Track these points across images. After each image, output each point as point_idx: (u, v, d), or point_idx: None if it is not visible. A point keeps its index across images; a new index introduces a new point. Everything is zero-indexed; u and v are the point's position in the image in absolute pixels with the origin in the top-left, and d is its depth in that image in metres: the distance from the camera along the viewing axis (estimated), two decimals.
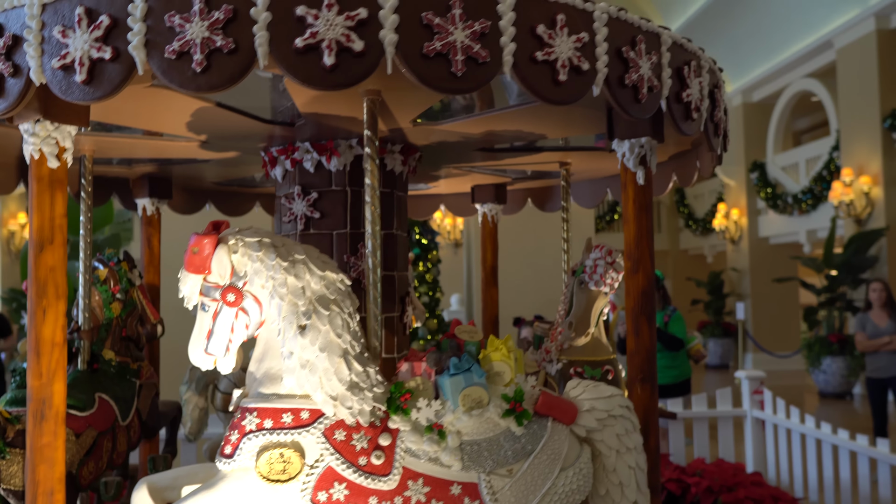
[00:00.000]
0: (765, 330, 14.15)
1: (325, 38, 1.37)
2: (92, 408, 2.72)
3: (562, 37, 1.59)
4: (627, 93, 1.73)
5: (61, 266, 1.71)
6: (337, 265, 1.93)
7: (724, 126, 2.36)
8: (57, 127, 1.70)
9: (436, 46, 1.44)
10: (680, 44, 1.91)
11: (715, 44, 13.97)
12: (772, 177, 13.84)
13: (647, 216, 2.01)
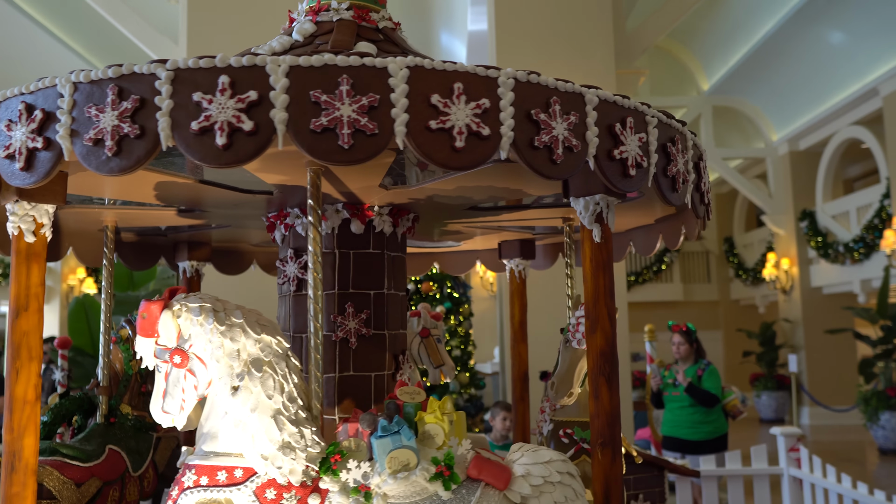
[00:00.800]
0: (820, 383, 13.66)
1: (218, 120, 1.49)
2: (98, 458, 2.86)
3: (458, 105, 1.62)
4: (541, 154, 1.70)
5: (35, 331, 1.87)
6: (277, 328, 2.02)
7: (708, 195, 2.43)
8: (34, 206, 1.89)
9: (322, 121, 1.53)
10: (611, 101, 1.88)
11: (758, 93, 13.89)
12: (822, 225, 13.54)
13: (605, 275, 2.00)
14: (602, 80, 6.68)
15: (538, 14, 6.80)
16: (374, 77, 1.59)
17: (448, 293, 6.81)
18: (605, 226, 1.95)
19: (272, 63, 1.54)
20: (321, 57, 1.56)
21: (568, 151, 1.74)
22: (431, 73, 1.62)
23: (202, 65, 1.53)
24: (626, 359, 6.46)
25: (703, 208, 2.34)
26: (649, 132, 1.91)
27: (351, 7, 2.35)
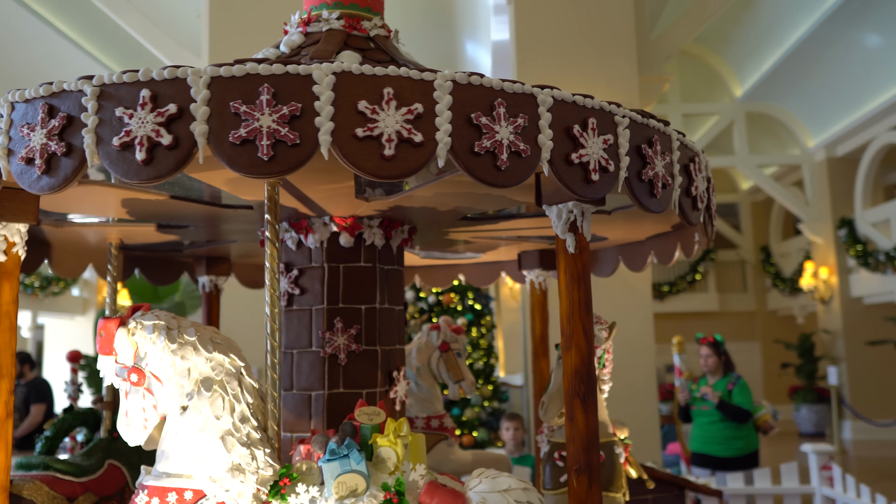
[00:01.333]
0: (862, 396, 13.23)
1: (137, 135, 1.43)
2: (94, 473, 2.85)
3: (388, 111, 1.53)
4: (483, 160, 1.60)
5: (6, 348, 1.84)
6: (233, 346, 1.96)
7: (705, 200, 2.29)
8: (5, 225, 1.88)
9: (241, 133, 1.46)
10: (570, 101, 1.80)
11: (793, 98, 13.58)
12: (862, 233, 13.15)
13: (580, 287, 1.87)
14: (624, 87, 6.56)
15: (559, 22, 6.71)
16: (299, 85, 1.51)
17: (470, 304, 6.71)
18: (580, 235, 1.83)
19: (193, 75, 1.50)
20: (243, 66, 1.49)
21: (515, 157, 1.62)
22: (360, 78, 1.53)
23: (126, 79, 1.50)
24: (651, 372, 6.29)
25: (699, 214, 2.18)
26: (619, 133, 1.79)
27: (342, 16, 2.30)
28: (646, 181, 1.84)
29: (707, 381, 5.92)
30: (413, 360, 3.21)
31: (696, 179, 2.14)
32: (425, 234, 2.76)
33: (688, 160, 2.09)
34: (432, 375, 3.27)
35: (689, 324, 16.20)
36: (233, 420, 1.87)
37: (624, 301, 6.38)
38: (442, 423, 3.30)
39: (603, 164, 1.70)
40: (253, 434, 1.89)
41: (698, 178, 2.16)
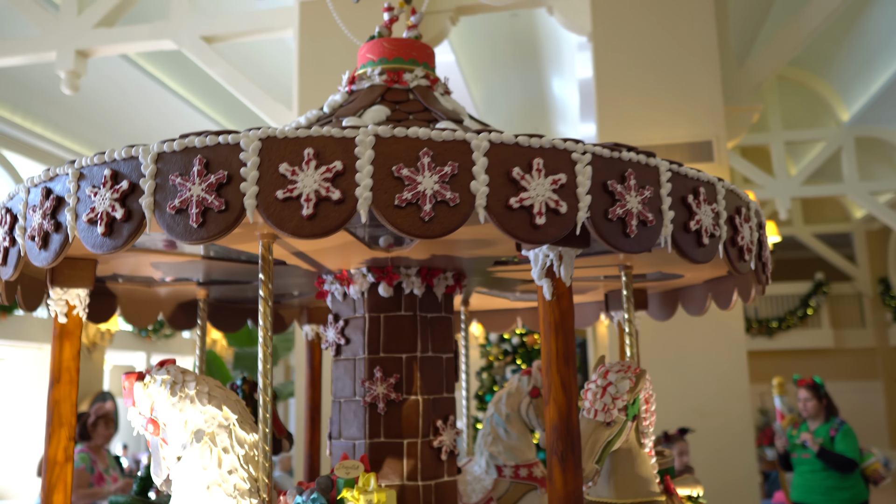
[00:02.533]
0: None
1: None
2: None
3: (307, 171, 1.55)
4: (406, 212, 1.57)
5: (66, 400, 2.02)
6: (228, 399, 2.05)
7: (754, 250, 2.20)
8: (66, 291, 2.09)
9: (175, 203, 1.59)
10: (511, 143, 1.70)
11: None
12: None
13: (558, 336, 1.75)
14: (709, 119, 6.40)
15: (639, 57, 6.64)
16: (229, 153, 1.56)
17: None
18: (558, 281, 1.73)
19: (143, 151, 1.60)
20: (182, 140, 1.58)
21: (443, 206, 1.55)
22: (283, 142, 1.56)
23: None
24: (747, 416, 5.99)
25: (704, 251, 1.96)
26: (577, 171, 1.66)
27: (384, 72, 2.36)
28: (614, 220, 1.69)
29: (808, 426, 5.58)
30: (502, 407, 3.15)
31: (701, 213, 2.03)
32: (475, 280, 2.75)
33: (690, 192, 1.96)
34: (522, 422, 3.18)
35: (801, 362, 15.34)
36: (220, 471, 1.94)
37: (714, 340, 6.13)
38: (531, 473, 3.19)
39: (551, 205, 1.59)
40: (241, 485, 1.95)
41: (703, 212, 2.06)
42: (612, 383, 2.13)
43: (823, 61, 13.06)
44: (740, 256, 2.02)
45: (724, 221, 1.94)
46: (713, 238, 1.89)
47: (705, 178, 1.91)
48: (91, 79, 8.38)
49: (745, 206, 2.09)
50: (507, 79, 11.67)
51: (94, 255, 2.15)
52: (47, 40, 7.34)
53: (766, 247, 2.24)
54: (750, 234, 2.07)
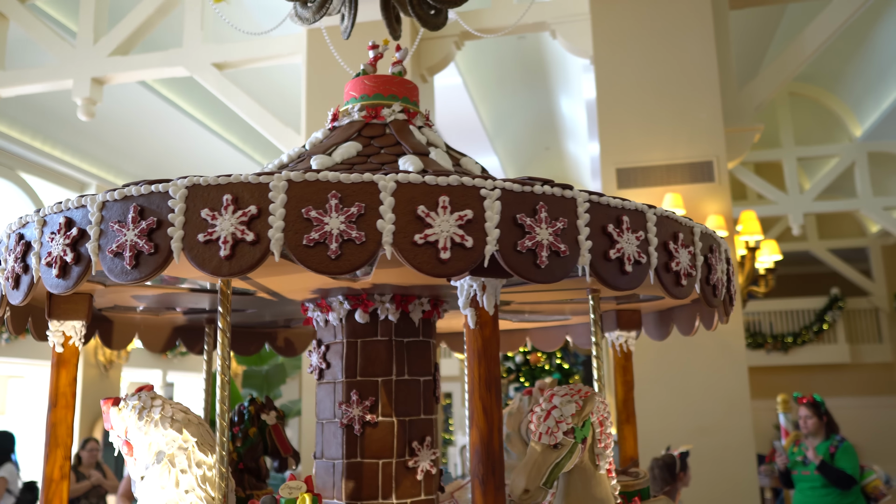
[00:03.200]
0: None
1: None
2: None
3: (226, 215, 1.66)
4: (314, 251, 1.65)
5: (62, 423, 2.20)
6: (190, 423, 2.20)
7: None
8: (62, 323, 2.27)
9: (111, 248, 1.72)
10: (418, 183, 1.76)
11: None
12: None
13: (482, 364, 1.79)
14: (709, 139, 6.48)
15: (640, 79, 6.75)
16: (160, 200, 1.71)
17: (558, 363, 6.69)
18: (481, 310, 1.79)
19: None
20: (122, 190, 1.74)
21: (350, 244, 1.64)
22: (206, 188, 1.68)
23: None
24: (748, 433, 6.02)
25: (628, 279, 1.93)
26: (486, 206, 1.72)
27: (364, 108, 2.49)
28: (524, 251, 1.73)
29: (807, 445, 5.61)
30: (503, 427, 3.15)
31: (623, 242, 2.08)
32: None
33: (613, 221, 1.97)
34: (523, 442, 3.17)
35: (816, 377, 15.24)
36: (177, 491, 2.09)
37: (716, 358, 6.18)
38: None
39: (457, 240, 1.66)
40: (197, 503, 2.10)
41: (625, 241, 2.11)
42: (557, 406, 2.12)
43: (834, 77, 13.08)
44: (676, 282, 2.07)
45: (654, 248, 1.98)
46: (639, 265, 1.92)
47: (632, 206, 1.93)
48: (108, 103, 8.62)
49: (687, 231, 2.15)
50: (515, 99, 11.81)
51: (90, 290, 2.31)
52: (64, 69, 7.58)
53: (715, 270, 2.26)
54: (690, 259, 2.11)
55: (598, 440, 2.20)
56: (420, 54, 7.40)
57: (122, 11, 8.14)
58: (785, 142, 13.98)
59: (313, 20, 3.07)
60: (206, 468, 2.15)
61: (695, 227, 2.19)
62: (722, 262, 2.32)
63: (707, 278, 2.19)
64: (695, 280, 2.11)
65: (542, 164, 15.36)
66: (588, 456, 2.18)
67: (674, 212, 2.14)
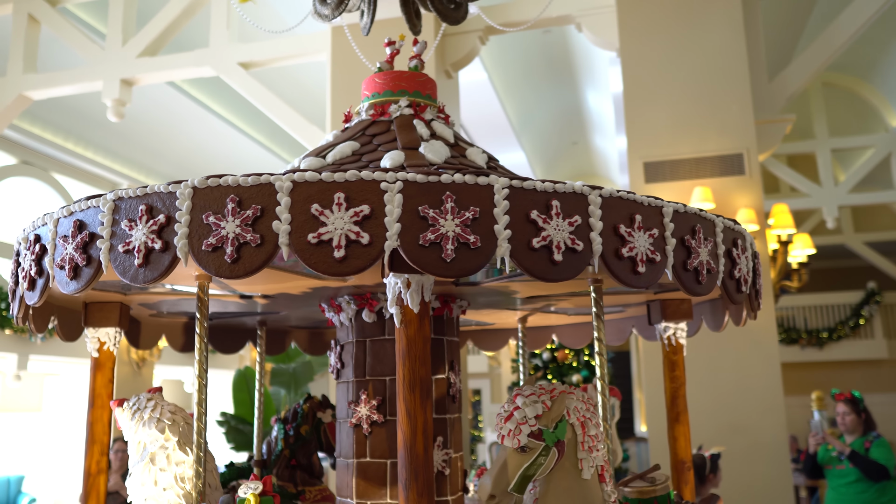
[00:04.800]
0: None
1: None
2: None
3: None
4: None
5: (98, 421, 2.37)
6: (174, 424, 2.33)
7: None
8: (97, 330, 2.43)
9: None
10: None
11: None
12: None
13: (405, 364, 1.74)
14: (739, 131, 6.36)
15: (668, 72, 6.65)
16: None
17: (586, 361, 6.62)
18: (406, 308, 1.75)
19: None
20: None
21: (246, 247, 1.64)
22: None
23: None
24: (781, 431, 5.90)
25: (558, 269, 1.79)
26: (387, 200, 1.68)
27: (372, 106, 2.48)
28: (429, 244, 1.66)
29: (845, 440, 5.50)
30: None
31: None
32: (479, 300, 2.75)
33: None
34: None
35: (853, 373, 14.94)
36: (156, 488, 2.24)
37: (748, 354, 6.07)
38: None
39: (352, 237, 1.66)
40: (174, 500, 2.25)
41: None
42: (520, 407, 1.99)
43: (870, 66, 12.79)
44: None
45: (599, 233, 1.81)
46: (574, 252, 1.76)
47: (563, 189, 1.79)
48: (138, 104, 8.72)
49: (632, 216, 1.93)
50: (541, 93, 11.73)
51: (121, 299, 2.40)
52: (94, 71, 7.68)
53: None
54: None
55: (581, 443, 2.03)
56: (444, 50, 7.37)
57: (149, 13, 8.23)
58: (818, 133, 13.70)
59: (332, 16, 3.06)
60: (185, 466, 2.29)
61: (664, 206, 2.02)
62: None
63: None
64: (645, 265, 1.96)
65: (570, 159, 15.24)
66: (569, 460, 2.02)
67: (601, 188, 1.91)
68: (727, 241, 2.17)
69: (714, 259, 2.07)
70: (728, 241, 2.18)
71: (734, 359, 6.10)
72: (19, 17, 7.96)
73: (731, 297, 2.19)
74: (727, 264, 2.16)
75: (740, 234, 2.27)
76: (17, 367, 9.95)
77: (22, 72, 7.88)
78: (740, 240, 2.25)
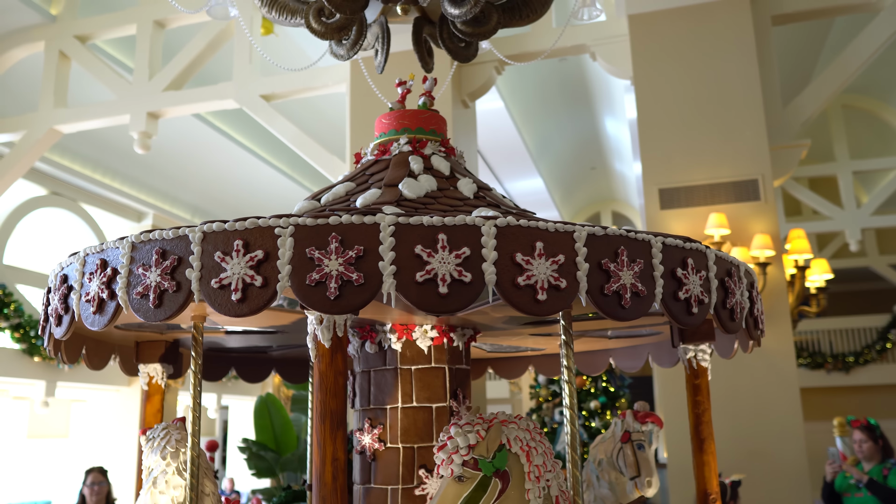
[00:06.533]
0: None
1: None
2: None
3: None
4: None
5: None
6: (177, 452, 2.45)
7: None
8: (146, 365, 2.71)
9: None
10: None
11: None
12: None
13: (317, 397, 1.82)
14: (754, 157, 6.41)
15: (681, 100, 6.72)
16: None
17: (604, 387, 6.64)
18: (318, 343, 1.84)
19: None
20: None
21: (165, 293, 1.82)
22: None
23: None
24: (801, 458, 5.87)
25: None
26: (280, 244, 1.79)
27: (376, 147, 2.60)
28: (314, 284, 1.74)
29: (863, 467, 5.45)
30: (596, 453, 2.92)
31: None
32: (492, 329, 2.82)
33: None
34: (617, 470, 2.86)
35: (880, 398, 14.70)
36: None
37: (765, 379, 6.06)
38: None
39: (248, 280, 1.77)
40: None
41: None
42: (452, 437, 1.98)
43: (890, 88, 12.77)
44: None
45: (493, 262, 1.79)
46: (462, 284, 1.77)
47: (451, 222, 1.80)
48: (163, 135, 8.95)
49: (533, 244, 1.87)
50: (558, 120, 11.84)
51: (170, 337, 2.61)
52: (121, 104, 7.91)
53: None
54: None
55: (527, 473, 2.00)
56: (461, 80, 7.50)
57: (175, 48, 8.48)
58: (839, 156, 13.67)
59: (348, 56, 3.18)
60: (181, 490, 2.43)
61: (575, 231, 1.93)
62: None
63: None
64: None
65: (589, 185, 15.30)
66: (516, 490, 1.98)
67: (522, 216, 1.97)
68: (456, 242, 1.86)
69: (462, 270, 1.83)
70: (457, 241, 1.87)
71: (752, 384, 6.09)
72: (50, 53, 8.24)
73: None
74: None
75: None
76: (45, 394, 10.14)
77: (53, 106, 8.14)
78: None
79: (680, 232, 6.33)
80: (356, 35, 2.92)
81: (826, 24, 10.39)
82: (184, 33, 8.77)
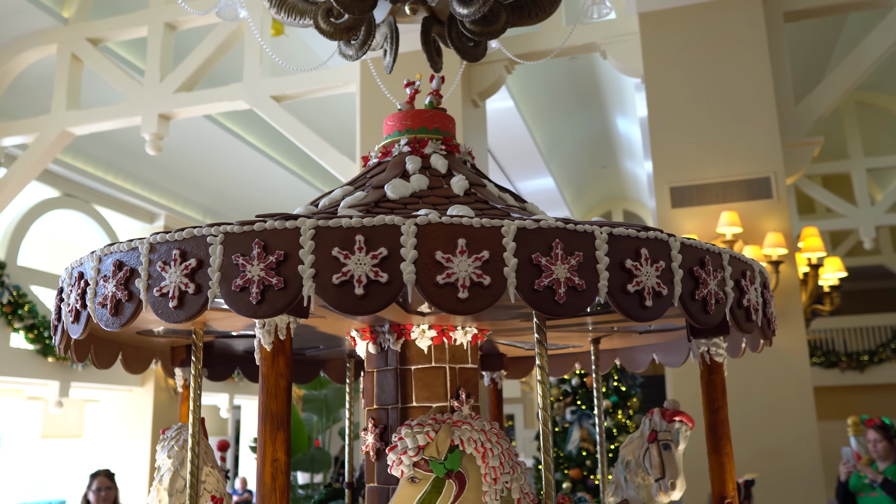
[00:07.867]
0: None
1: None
2: None
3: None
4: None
5: None
6: (181, 451, 2.53)
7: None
8: (183, 369, 2.82)
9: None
10: None
11: None
12: None
13: (260, 400, 1.82)
14: (766, 155, 6.37)
15: (692, 98, 6.69)
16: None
17: (615, 386, 6.61)
18: (261, 346, 1.85)
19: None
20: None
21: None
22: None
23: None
24: (815, 458, 5.83)
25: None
26: (210, 252, 1.82)
27: (380, 150, 2.60)
28: (239, 289, 1.75)
29: (878, 467, 5.41)
30: (624, 454, 2.78)
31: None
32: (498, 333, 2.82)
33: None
34: (644, 471, 2.74)
35: (895, 397, 14.58)
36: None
37: (778, 379, 6.03)
38: None
39: (183, 288, 1.81)
40: None
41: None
42: (403, 438, 1.97)
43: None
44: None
45: (413, 261, 1.77)
46: (370, 284, 1.75)
47: (371, 223, 1.79)
48: (175, 136, 8.99)
49: (455, 241, 1.84)
50: (569, 119, 11.80)
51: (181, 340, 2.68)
52: (133, 106, 7.95)
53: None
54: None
55: (483, 475, 1.98)
56: (471, 80, 7.49)
57: (186, 50, 8.51)
58: (853, 153, 13.57)
59: (357, 56, 3.18)
60: (181, 488, 2.53)
61: (504, 225, 1.85)
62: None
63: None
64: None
65: (600, 184, 15.26)
66: (473, 492, 1.97)
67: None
68: (429, 245, 1.83)
69: (371, 270, 1.81)
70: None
71: (765, 383, 6.05)
72: (63, 56, 8.30)
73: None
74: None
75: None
76: (59, 394, 10.21)
77: (65, 109, 8.20)
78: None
79: (692, 231, 6.30)
80: (365, 35, 2.92)
81: (839, 21, 10.31)
82: (194, 35, 8.81)
